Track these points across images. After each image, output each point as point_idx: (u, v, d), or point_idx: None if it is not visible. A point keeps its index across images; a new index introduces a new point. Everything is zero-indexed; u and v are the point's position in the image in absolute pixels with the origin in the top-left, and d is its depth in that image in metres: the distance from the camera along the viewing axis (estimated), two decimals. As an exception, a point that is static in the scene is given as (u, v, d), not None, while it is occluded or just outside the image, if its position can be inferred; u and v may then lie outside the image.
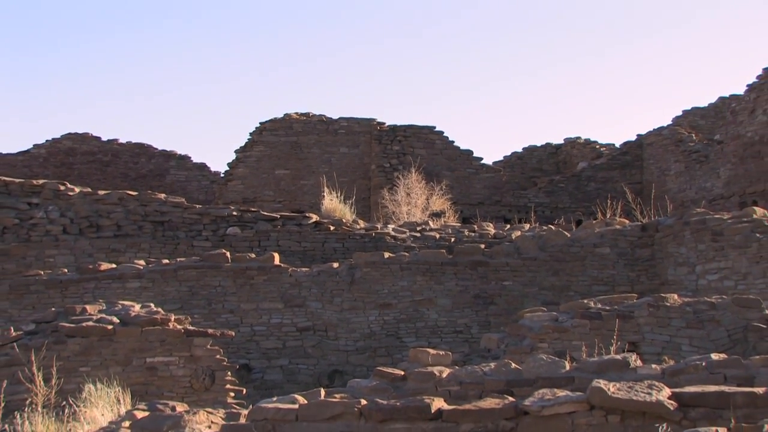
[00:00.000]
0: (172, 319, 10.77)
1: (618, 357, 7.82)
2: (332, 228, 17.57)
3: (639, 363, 7.77)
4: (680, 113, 30.58)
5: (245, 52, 71.77)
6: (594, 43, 73.66)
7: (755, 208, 16.19)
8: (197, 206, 17.98)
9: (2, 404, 8.38)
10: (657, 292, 12.80)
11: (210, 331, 10.98)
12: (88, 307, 11.07)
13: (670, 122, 29.39)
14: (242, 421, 6.55)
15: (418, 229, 18.34)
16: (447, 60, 71.48)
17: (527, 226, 19.70)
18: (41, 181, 17.39)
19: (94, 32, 68.90)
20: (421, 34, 70.80)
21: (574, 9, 72.19)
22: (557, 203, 26.83)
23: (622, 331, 10.27)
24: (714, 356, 7.75)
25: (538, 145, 31.76)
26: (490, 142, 71.45)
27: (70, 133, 29.10)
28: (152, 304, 11.65)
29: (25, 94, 68.12)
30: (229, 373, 10.76)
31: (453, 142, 27.42)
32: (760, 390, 6.21)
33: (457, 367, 7.96)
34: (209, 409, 7.40)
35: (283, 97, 69.93)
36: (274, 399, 6.82)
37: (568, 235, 16.58)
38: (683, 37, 72.88)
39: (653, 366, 7.72)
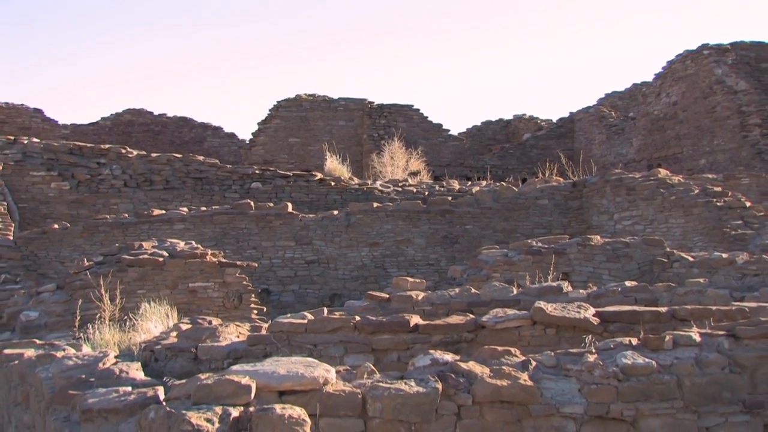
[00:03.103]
0: (209, 253, 10.71)
1: (554, 284, 7.84)
2: (333, 184, 17.50)
3: (570, 289, 7.80)
4: (603, 96, 30.31)
5: (267, 47, 71.07)
6: (541, 38, 73.19)
7: (659, 169, 16.19)
8: (228, 166, 17.85)
9: (78, 318, 8.41)
10: (584, 234, 12.78)
11: (238, 262, 10.92)
12: (143, 243, 10.99)
13: (595, 103, 29.12)
14: (263, 332, 6.52)
15: (400, 184, 18.26)
16: (427, 51, 70.93)
17: (484, 183, 19.62)
18: (107, 146, 17.25)
19: (143, 28, 67.97)
20: (411, 28, 70.12)
21: (518, 8, 71.57)
22: (507, 165, 26.69)
23: (557, 264, 10.25)
24: (627, 283, 7.78)
25: (493, 119, 31.44)
26: (456, 117, 71.24)
27: (129, 109, 28.65)
28: (193, 242, 11.57)
29: (94, 78, 67.31)
30: (253, 295, 10.73)
31: (427, 117, 27.15)
32: (662, 309, 6.23)
33: (429, 292, 7.95)
34: (238, 323, 7.37)
35: (296, 81, 69.34)
36: (288, 316, 6.79)
37: (516, 190, 16.53)
38: (605, 32, 72.52)
39: (581, 291, 7.75)
